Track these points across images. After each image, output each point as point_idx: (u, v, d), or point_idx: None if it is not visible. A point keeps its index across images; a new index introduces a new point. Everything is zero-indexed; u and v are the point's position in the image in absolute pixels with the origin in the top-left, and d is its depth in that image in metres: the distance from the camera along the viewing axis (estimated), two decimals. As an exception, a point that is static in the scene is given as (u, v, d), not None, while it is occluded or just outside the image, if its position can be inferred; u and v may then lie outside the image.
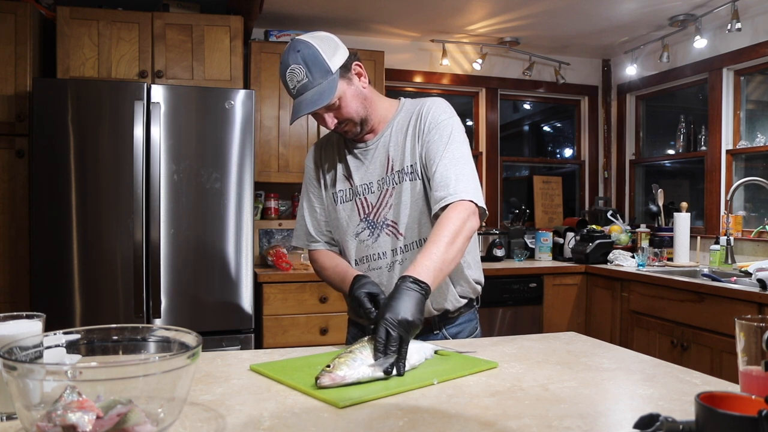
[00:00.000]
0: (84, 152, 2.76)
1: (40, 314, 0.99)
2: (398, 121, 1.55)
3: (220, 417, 0.95)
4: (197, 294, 2.89)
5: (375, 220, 1.54)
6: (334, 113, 1.47)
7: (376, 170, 1.55)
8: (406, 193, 1.50)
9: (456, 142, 1.47)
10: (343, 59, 1.44)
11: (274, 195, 3.74)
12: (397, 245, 1.53)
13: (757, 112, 3.76)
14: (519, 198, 4.57)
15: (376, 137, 1.56)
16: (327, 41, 1.44)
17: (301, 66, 1.39)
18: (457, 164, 1.44)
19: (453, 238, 1.33)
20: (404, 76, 4.14)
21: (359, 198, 1.56)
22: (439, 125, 1.49)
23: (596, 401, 1.04)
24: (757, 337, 0.92)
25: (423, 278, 1.26)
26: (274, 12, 3.54)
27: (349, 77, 1.46)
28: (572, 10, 3.53)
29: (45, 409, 0.77)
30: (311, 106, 1.40)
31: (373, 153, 1.55)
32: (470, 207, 1.40)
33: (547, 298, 3.65)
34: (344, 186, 1.59)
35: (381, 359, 1.14)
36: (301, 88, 1.40)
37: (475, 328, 1.66)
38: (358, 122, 1.50)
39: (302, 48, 1.40)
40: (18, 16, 2.92)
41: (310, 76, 1.39)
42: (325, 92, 1.40)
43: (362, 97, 1.49)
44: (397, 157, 1.52)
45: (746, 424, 0.66)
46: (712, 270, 3.26)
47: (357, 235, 1.56)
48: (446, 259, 1.32)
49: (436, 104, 1.53)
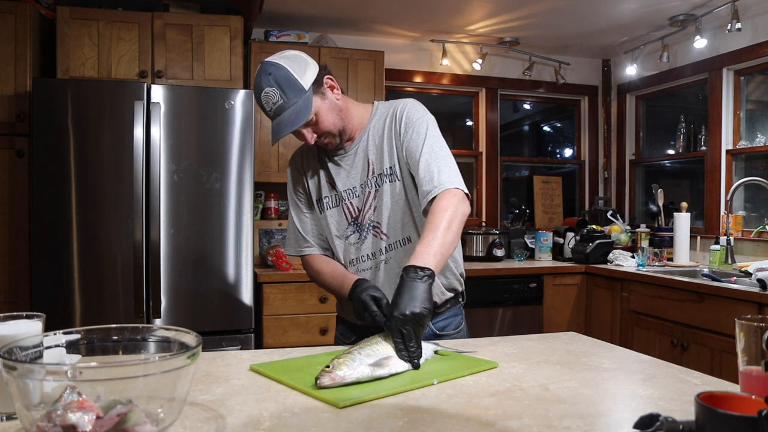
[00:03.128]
0: (84, 152, 2.76)
1: (40, 314, 1.00)
2: (374, 125, 1.59)
3: (220, 417, 0.95)
4: (197, 294, 2.89)
5: (361, 223, 1.58)
6: (312, 129, 1.50)
7: (358, 175, 1.58)
8: (387, 194, 1.54)
9: (432, 136, 1.51)
10: (314, 75, 1.47)
11: (274, 195, 3.74)
12: (381, 245, 1.56)
13: (757, 112, 3.76)
14: (519, 198, 4.57)
15: (354, 143, 1.59)
16: (296, 60, 1.47)
17: (274, 88, 1.42)
18: (438, 157, 1.48)
19: (449, 223, 1.37)
20: (404, 76, 4.14)
21: (345, 203, 1.60)
22: (414, 123, 1.53)
23: (596, 401, 1.04)
24: (757, 337, 0.92)
25: (425, 264, 1.28)
26: (274, 12, 3.54)
27: (322, 92, 1.49)
28: (572, 10, 3.53)
29: (45, 409, 0.77)
30: (290, 126, 1.44)
31: (353, 158, 1.59)
32: (458, 193, 1.43)
33: (547, 298, 3.65)
34: (329, 192, 1.62)
35: (397, 355, 1.21)
36: (277, 109, 1.44)
37: (461, 322, 1.70)
38: (337, 134, 1.53)
39: (273, 70, 1.44)
40: (18, 16, 2.92)
41: (285, 97, 1.42)
42: (302, 111, 1.44)
43: (337, 108, 1.52)
44: (377, 161, 1.56)
45: (746, 424, 0.66)
46: (712, 270, 3.26)
47: (346, 239, 1.60)
48: (445, 243, 1.35)
49: (409, 105, 1.57)
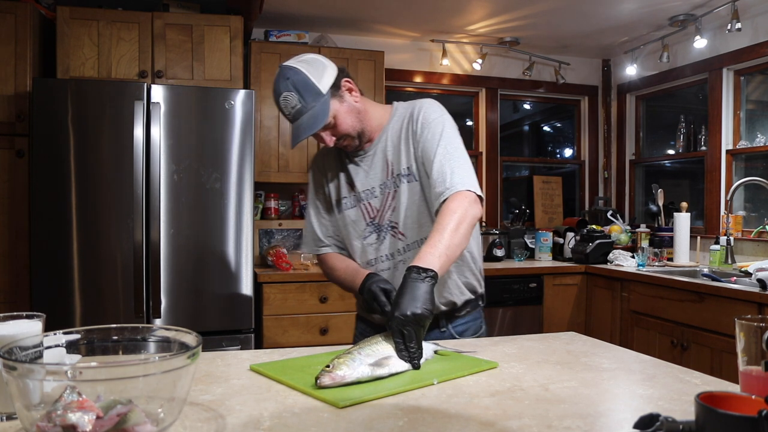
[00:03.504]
0: (84, 152, 2.76)
1: (40, 314, 0.99)
2: (392, 126, 1.59)
3: (220, 417, 0.95)
4: (197, 294, 2.89)
5: (380, 224, 1.59)
6: (330, 131, 1.51)
7: (377, 175, 1.59)
8: (405, 194, 1.54)
9: (448, 137, 1.51)
10: (332, 79, 1.48)
11: (274, 195, 3.74)
12: (399, 246, 1.57)
13: (757, 112, 3.76)
14: (519, 198, 4.57)
15: (373, 144, 1.60)
16: (314, 64, 1.48)
17: (292, 93, 1.44)
18: (452, 158, 1.47)
19: (457, 224, 1.35)
20: (404, 76, 4.14)
21: (363, 203, 1.60)
22: (431, 124, 1.52)
23: (596, 401, 1.04)
24: (757, 337, 0.92)
25: (428, 265, 1.28)
26: (274, 12, 3.54)
27: (340, 95, 1.50)
28: (572, 10, 3.53)
29: (45, 409, 0.77)
30: (308, 130, 1.45)
31: (372, 159, 1.60)
32: (469, 195, 1.42)
33: (547, 298, 3.65)
34: (348, 193, 1.63)
35: (397, 356, 1.21)
36: (295, 113, 1.45)
37: (480, 326, 1.69)
38: (356, 136, 1.55)
39: (291, 75, 1.45)
40: (18, 16, 2.92)
41: (303, 101, 1.44)
42: (320, 115, 1.45)
43: (356, 111, 1.53)
44: (395, 161, 1.57)
45: (746, 424, 0.66)
46: (712, 270, 3.26)
47: (364, 239, 1.61)
48: (451, 245, 1.33)
49: (426, 105, 1.57)
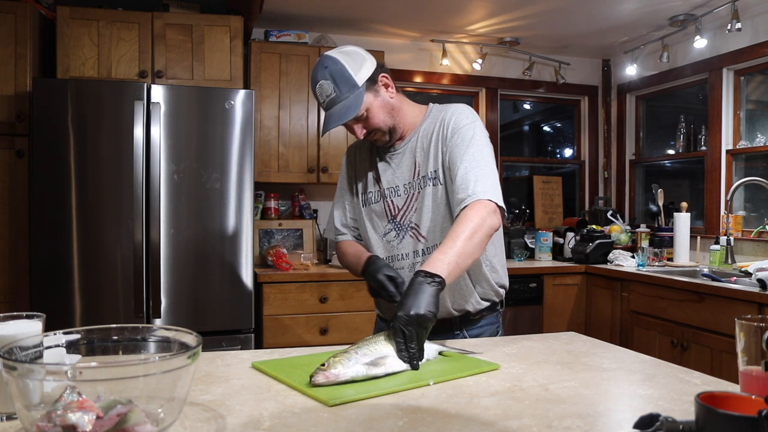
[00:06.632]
0: (84, 152, 2.76)
1: (40, 314, 0.99)
2: (425, 128, 1.60)
3: (220, 417, 0.95)
4: (197, 294, 2.89)
5: (401, 222, 1.59)
6: (362, 124, 1.53)
7: (404, 174, 1.60)
8: (429, 197, 1.55)
9: (477, 144, 1.50)
10: (369, 72, 1.49)
11: (274, 195, 3.74)
12: (419, 247, 1.57)
13: (757, 112, 3.75)
14: (519, 198, 4.56)
15: (404, 143, 1.61)
16: (354, 56, 1.50)
17: (328, 81, 1.46)
18: (478, 166, 1.47)
19: (472, 233, 1.35)
20: (404, 76, 4.14)
21: (387, 200, 1.62)
22: (461, 130, 1.52)
23: (596, 401, 1.04)
24: (757, 337, 0.92)
25: (436, 271, 1.28)
26: (274, 12, 3.54)
27: (375, 89, 1.52)
28: (572, 10, 3.53)
29: (45, 409, 0.77)
30: (339, 119, 1.47)
31: (401, 158, 1.61)
32: (490, 205, 1.42)
33: (547, 298, 3.65)
34: (373, 188, 1.65)
35: (397, 355, 1.21)
36: (329, 102, 1.47)
37: (497, 331, 1.68)
38: (387, 131, 1.56)
39: (329, 64, 1.47)
40: (18, 16, 2.92)
41: (338, 90, 1.46)
42: (352, 106, 1.47)
43: (389, 107, 1.54)
44: (423, 163, 1.57)
45: (746, 424, 0.66)
46: (712, 270, 3.26)
47: (384, 236, 1.62)
48: (463, 253, 1.33)
49: (459, 110, 1.57)
